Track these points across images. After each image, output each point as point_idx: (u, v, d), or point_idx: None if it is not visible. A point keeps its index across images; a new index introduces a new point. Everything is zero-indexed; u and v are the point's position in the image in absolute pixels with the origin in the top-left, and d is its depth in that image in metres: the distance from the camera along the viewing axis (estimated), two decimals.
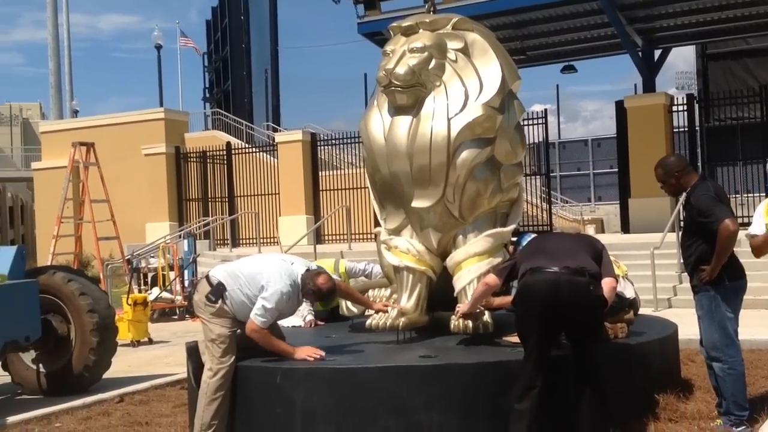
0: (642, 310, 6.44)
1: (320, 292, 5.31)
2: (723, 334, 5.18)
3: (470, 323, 5.55)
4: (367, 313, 6.38)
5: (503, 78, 6.05)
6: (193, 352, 5.56)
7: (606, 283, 4.92)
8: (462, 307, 5.59)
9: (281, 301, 5.20)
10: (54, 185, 22.37)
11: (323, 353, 5.25)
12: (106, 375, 7.91)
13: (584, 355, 4.81)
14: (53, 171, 25.10)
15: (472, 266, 5.88)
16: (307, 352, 5.24)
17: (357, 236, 20.10)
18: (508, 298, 5.47)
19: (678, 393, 5.70)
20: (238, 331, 5.33)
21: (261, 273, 5.29)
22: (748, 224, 5.58)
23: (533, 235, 6.05)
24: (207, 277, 5.45)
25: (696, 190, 5.22)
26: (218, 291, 5.29)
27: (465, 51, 6.10)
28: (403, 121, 5.95)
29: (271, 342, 5.28)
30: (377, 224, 6.60)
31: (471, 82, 5.97)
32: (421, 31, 6.17)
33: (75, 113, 39.58)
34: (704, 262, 5.15)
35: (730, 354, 5.19)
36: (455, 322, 5.59)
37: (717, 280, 5.12)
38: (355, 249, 17.20)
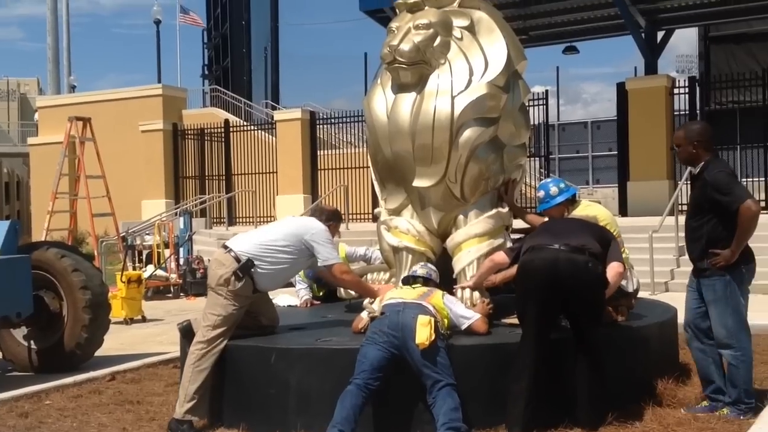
0: (639, 294, 6.36)
1: (337, 212, 5.94)
2: (737, 320, 4.97)
3: (469, 298, 5.48)
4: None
5: (509, 57, 5.94)
6: (186, 332, 5.49)
7: (612, 267, 4.86)
8: (465, 282, 5.54)
9: (329, 235, 5.46)
10: (50, 160, 22.21)
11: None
12: (98, 353, 7.83)
13: (584, 337, 4.76)
14: (49, 146, 24.96)
15: (472, 247, 5.79)
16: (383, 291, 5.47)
17: (355, 216, 20.00)
18: (510, 271, 5.33)
19: (677, 378, 5.63)
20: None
21: (297, 228, 5.47)
22: None
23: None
24: (230, 251, 5.31)
25: (710, 166, 5.01)
26: (247, 267, 5.23)
27: (471, 29, 5.99)
28: (407, 99, 5.85)
29: (361, 285, 5.73)
30: (375, 204, 6.53)
31: (476, 60, 5.86)
32: (426, 7, 6.06)
33: (72, 88, 39.32)
34: (716, 245, 4.92)
35: (744, 341, 4.99)
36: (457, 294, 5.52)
37: (733, 265, 4.90)
38: (352, 229, 17.10)
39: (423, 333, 4.60)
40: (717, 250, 4.92)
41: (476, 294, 5.53)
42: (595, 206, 6.21)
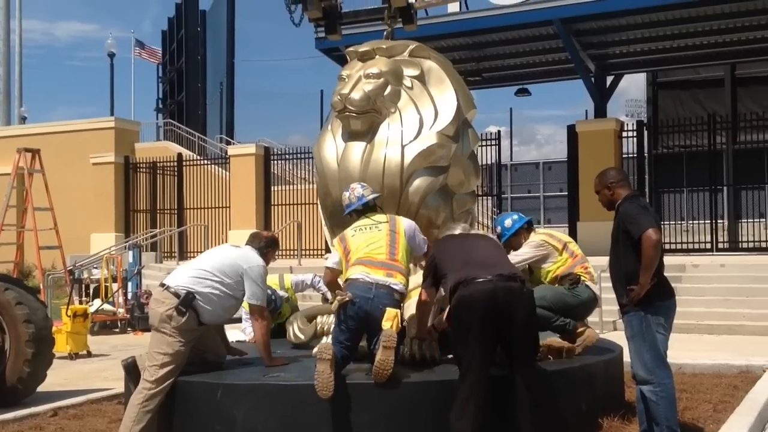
0: None
1: (274, 239, 5.84)
2: (654, 356, 5.00)
3: (417, 350, 5.45)
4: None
5: (458, 107, 6.06)
6: (131, 369, 5.39)
7: None
8: (411, 334, 5.52)
9: (265, 275, 5.48)
10: None
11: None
12: (41, 388, 7.67)
13: (524, 371, 4.77)
14: None
15: None
16: (278, 363, 5.49)
17: (307, 252, 19.96)
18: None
19: (622, 416, 5.68)
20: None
21: (236, 258, 5.42)
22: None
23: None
24: (168, 289, 5.27)
25: (625, 201, 5.12)
26: (188, 301, 5.18)
27: (421, 78, 6.11)
28: (357, 147, 5.92)
29: (264, 343, 5.47)
30: (327, 245, 6.49)
31: (426, 110, 5.98)
32: (377, 56, 6.16)
33: (23, 120, 38.78)
34: (632, 279, 4.95)
35: (662, 376, 5.01)
36: (404, 348, 5.49)
37: (647, 300, 4.94)
38: (305, 264, 17.07)
39: (386, 325, 4.82)
40: (633, 286, 4.95)
41: (425, 344, 5.47)
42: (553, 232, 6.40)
